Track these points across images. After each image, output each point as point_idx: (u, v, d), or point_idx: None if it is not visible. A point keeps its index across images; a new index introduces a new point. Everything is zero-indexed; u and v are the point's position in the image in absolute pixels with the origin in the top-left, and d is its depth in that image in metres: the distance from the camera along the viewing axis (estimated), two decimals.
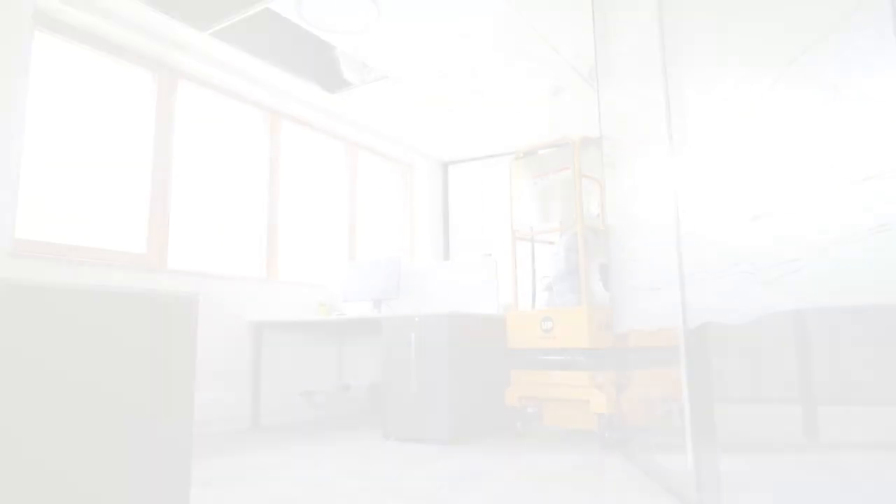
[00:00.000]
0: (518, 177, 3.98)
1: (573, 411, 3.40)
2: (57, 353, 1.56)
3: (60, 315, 1.58)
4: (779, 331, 2.88)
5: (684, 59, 2.00)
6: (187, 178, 4.20)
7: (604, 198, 4.55)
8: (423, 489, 2.34)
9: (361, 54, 4.29)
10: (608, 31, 3.33)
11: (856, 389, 2.86)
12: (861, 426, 2.83)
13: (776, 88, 1.36)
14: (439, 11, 3.68)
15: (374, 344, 5.36)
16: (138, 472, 1.70)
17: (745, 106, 1.50)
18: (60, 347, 1.57)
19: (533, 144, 3.94)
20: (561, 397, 3.38)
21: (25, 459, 1.47)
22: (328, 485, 2.44)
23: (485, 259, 4.47)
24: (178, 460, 1.81)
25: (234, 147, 4.63)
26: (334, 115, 5.25)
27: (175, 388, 1.83)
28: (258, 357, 4.28)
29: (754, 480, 2.29)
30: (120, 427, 1.67)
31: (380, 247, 5.96)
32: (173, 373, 1.83)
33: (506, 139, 5.99)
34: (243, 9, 3.73)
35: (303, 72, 4.55)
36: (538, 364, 3.50)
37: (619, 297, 3.04)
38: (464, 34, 3.94)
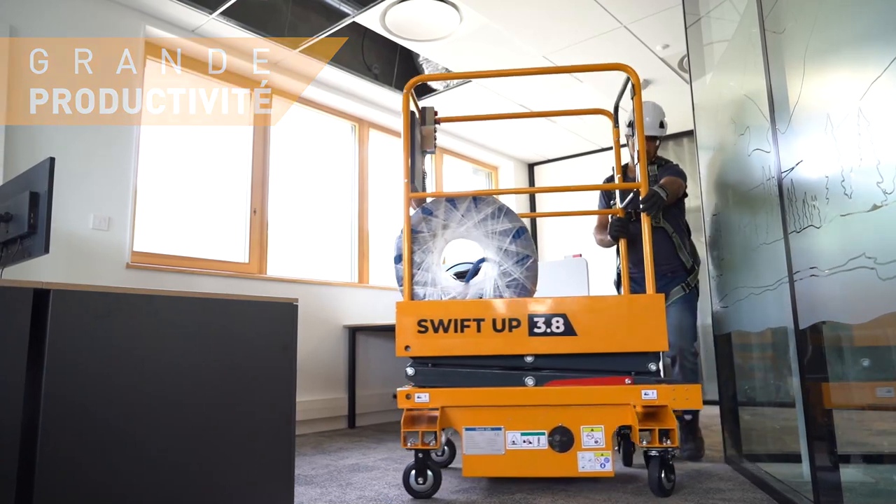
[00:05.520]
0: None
1: None
2: (169, 357, 1.67)
3: (173, 320, 1.69)
4: None
5: (786, 43, 1.88)
6: (282, 189, 4.40)
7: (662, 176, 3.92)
8: (518, 492, 2.32)
9: (445, 60, 4.33)
10: (700, 23, 3.19)
11: None
12: None
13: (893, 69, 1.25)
14: (518, 9, 3.65)
15: None
16: (247, 470, 1.79)
17: (859, 87, 1.39)
18: (172, 351, 1.68)
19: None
20: None
21: (139, 456, 1.58)
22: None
23: (574, 259, 4.39)
24: (283, 458, 1.89)
25: (324, 157, 4.80)
26: None
27: (278, 390, 1.92)
28: (353, 360, 4.41)
29: (880, 495, 2.10)
30: (229, 426, 1.77)
31: (467, 249, 5.98)
32: (276, 375, 1.92)
33: (594, 136, 5.86)
34: (332, 25, 3.88)
35: (388, 80, 4.66)
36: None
37: (723, 295, 2.89)
38: (547, 29, 3.89)
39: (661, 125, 3.18)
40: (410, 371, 2.45)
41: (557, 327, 2.38)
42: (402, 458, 3.09)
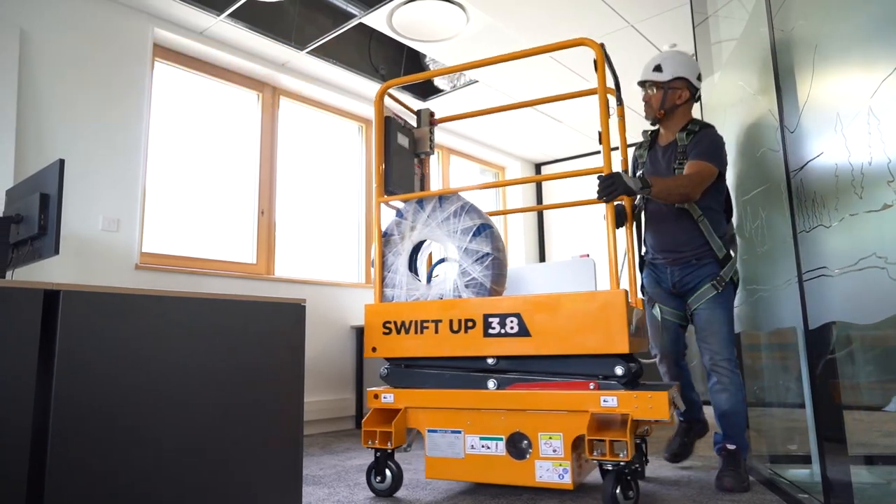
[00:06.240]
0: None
1: None
2: (177, 358, 1.68)
3: (182, 321, 1.70)
4: None
5: (795, 42, 1.87)
6: (290, 190, 4.42)
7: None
8: (525, 493, 2.31)
9: (452, 61, 4.33)
10: (708, 21, 3.17)
11: None
12: None
13: None
14: (525, 10, 3.64)
15: None
16: (255, 470, 1.80)
17: (869, 86, 1.38)
18: (181, 352, 1.68)
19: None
20: None
21: (148, 456, 1.59)
22: (431, 486, 2.47)
23: (582, 260, 4.38)
24: (291, 459, 1.89)
25: (331, 158, 4.81)
26: None
27: (286, 390, 1.92)
28: (360, 360, 4.42)
29: (891, 495, 2.09)
30: (237, 427, 1.77)
31: None
32: (284, 375, 1.92)
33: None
34: (338, 26, 3.88)
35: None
36: None
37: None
38: (554, 29, 3.88)
39: (658, 69, 2.60)
40: (384, 371, 2.49)
41: (511, 328, 2.24)
42: (410, 458, 3.09)
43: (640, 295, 2.68)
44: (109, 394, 1.51)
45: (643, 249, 2.76)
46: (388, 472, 2.35)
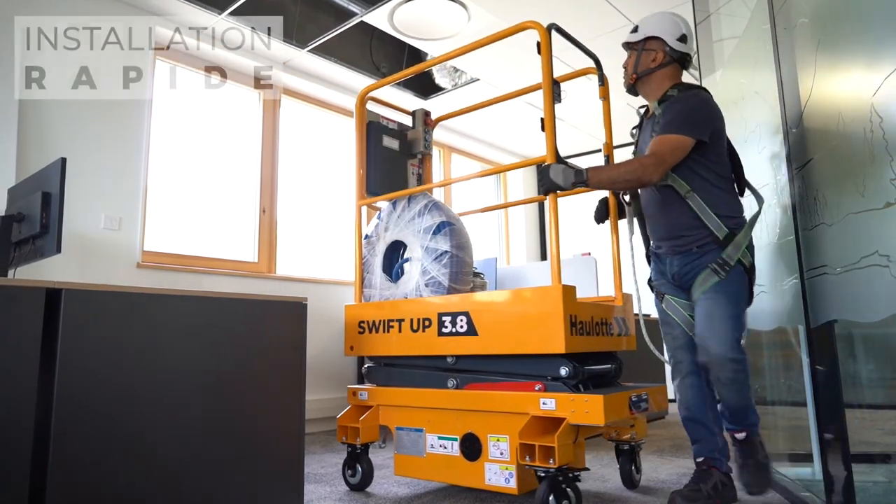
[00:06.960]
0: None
1: None
2: (179, 356, 1.68)
3: (184, 320, 1.70)
4: None
5: (797, 40, 1.86)
6: (291, 188, 4.42)
7: None
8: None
9: (453, 59, 4.32)
10: (710, 19, 3.17)
11: None
12: None
13: None
14: (527, 8, 3.64)
15: None
16: (257, 468, 1.80)
17: (871, 83, 1.38)
18: (183, 350, 1.69)
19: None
20: None
21: (151, 454, 1.59)
22: (432, 485, 2.47)
23: (583, 258, 4.38)
24: (292, 457, 1.89)
25: (332, 156, 4.81)
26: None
27: (288, 388, 1.93)
28: (361, 358, 4.41)
29: (894, 494, 2.08)
30: (239, 424, 1.77)
31: (475, 248, 5.97)
32: (286, 373, 1.92)
33: (603, 133, 5.83)
34: (340, 24, 3.88)
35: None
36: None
37: None
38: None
39: (635, 30, 2.31)
40: (365, 369, 2.56)
41: (461, 326, 2.20)
42: None
43: (645, 291, 2.50)
44: (111, 392, 1.51)
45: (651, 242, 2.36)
46: (358, 466, 2.41)
